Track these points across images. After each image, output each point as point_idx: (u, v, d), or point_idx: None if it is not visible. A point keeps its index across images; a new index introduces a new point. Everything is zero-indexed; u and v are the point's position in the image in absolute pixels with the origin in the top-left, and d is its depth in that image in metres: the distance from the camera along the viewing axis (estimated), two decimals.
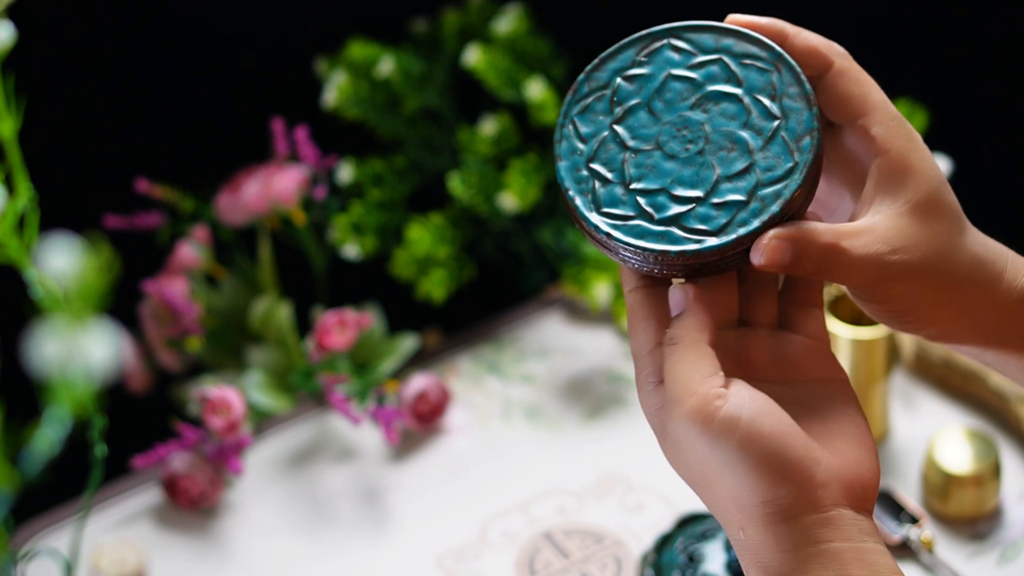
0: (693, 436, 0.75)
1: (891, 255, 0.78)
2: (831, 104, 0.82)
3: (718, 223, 0.78)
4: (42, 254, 0.66)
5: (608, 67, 0.82)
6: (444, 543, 1.15)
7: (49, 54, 1.33)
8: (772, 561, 0.74)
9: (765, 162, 0.79)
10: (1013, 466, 1.18)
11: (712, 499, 0.77)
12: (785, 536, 0.74)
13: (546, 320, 1.34)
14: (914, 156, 0.80)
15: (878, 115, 0.81)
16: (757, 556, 0.75)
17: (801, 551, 0.74)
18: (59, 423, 0.69)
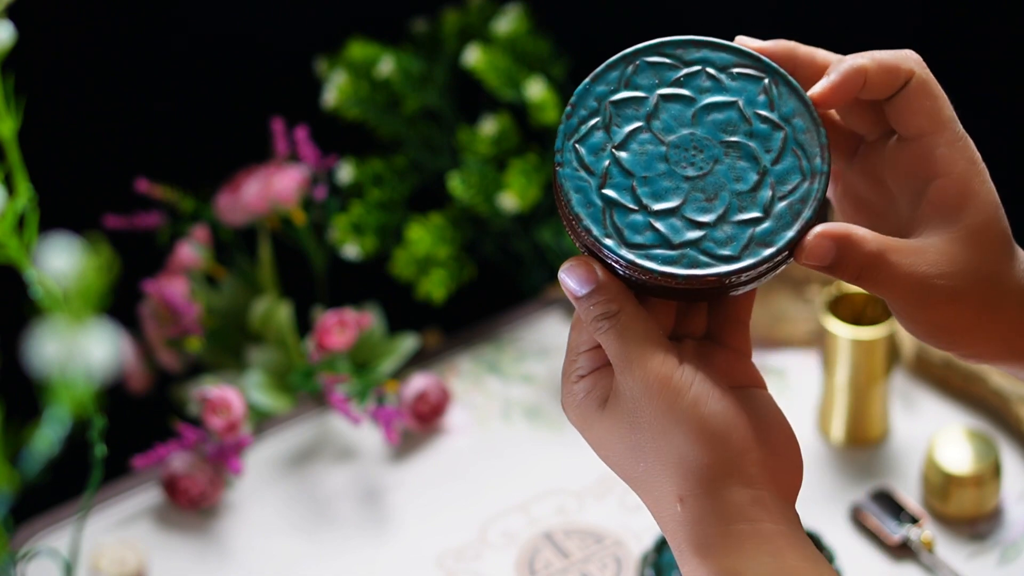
0: (653, 391, 0.76)
1: (937, 279, 0.78)
2: (899, 115, 0.80)
3: (739, 244, 0.78)
4: (42, 254, 0.66)
5: (596, 91, 0.80)
6: (444, 543, 1.15)
7: (49, 54, 1.33)
8: (707, 534, 0.75)
9: (778, 173, 0.79)
10: (1013, 466, 1.18)
11: (649, 471, 0.76)
12: (723, 507, 0.75)
13: (546, 320, 1.34)
14: (975, 181, 0.80)
15: (946, 135, 0.80)
16: (692, 531, 0.75)
17: (736, 526, 0.75)
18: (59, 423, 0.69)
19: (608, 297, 0.79)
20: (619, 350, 0.77)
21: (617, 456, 0.78)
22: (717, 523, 0.75)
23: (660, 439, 0.76)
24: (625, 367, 0.77)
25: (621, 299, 0.79)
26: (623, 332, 0.78)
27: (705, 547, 0.75)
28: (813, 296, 1.27)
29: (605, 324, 0.78)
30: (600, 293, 0.80)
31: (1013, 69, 1.43)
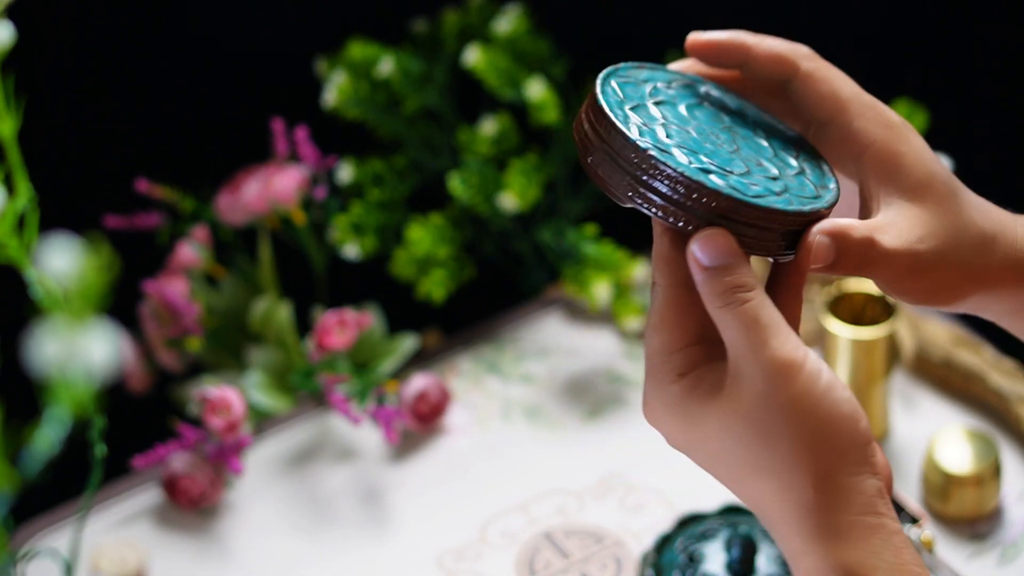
0: (790, 372, 0.73)
1: (918, 244, 0.78)
2: (806, 107, 0.82)
3: (809, 189, 0.78)
4: (42, 254, 0.66)
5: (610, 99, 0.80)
6: (444, 543, 1.15)
7: (49, 54, 1.33)
8: (840, 522, 0.72)
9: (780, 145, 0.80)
10: (1013, 466, 1.18)
11: (779, 456, 0.73)
12: (856, 496, 0.73)
13: (546, 320, 1.34)
14: (897, 142, 0.81)
15: (853, 108, 0.81)
16: (824, 517, 0.72)
17: (866, 517, 0.73)
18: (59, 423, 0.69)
19: (746, 270, 0.75)
20: (752, 329, 0.73)
21: (733, 448, 0.74)
22: (849, 511, 0.72)
23: (796, 422, 0.73)
24: (760, 347, 0.73)
25: (753, 274, 0.75)
26: (759, 309, 0.74)
27: (836, 535, 0.72)
28: (813, 296, 1.28)
29: (738, 300, 0.74)
30: (740, 266, 0.75)
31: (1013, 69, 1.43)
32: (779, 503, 0.74)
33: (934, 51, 1.44)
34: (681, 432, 0.76)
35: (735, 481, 0.75)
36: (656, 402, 0.77)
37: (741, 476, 0.75)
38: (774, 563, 1.07)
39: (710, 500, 1.14)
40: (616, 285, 1.30)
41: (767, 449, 0.73)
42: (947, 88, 1.41)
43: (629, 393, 1.26)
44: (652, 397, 0.77)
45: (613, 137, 0.77)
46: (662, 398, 0.76)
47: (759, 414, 0.73)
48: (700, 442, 0.76)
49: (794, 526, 0.73)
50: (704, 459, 0.76)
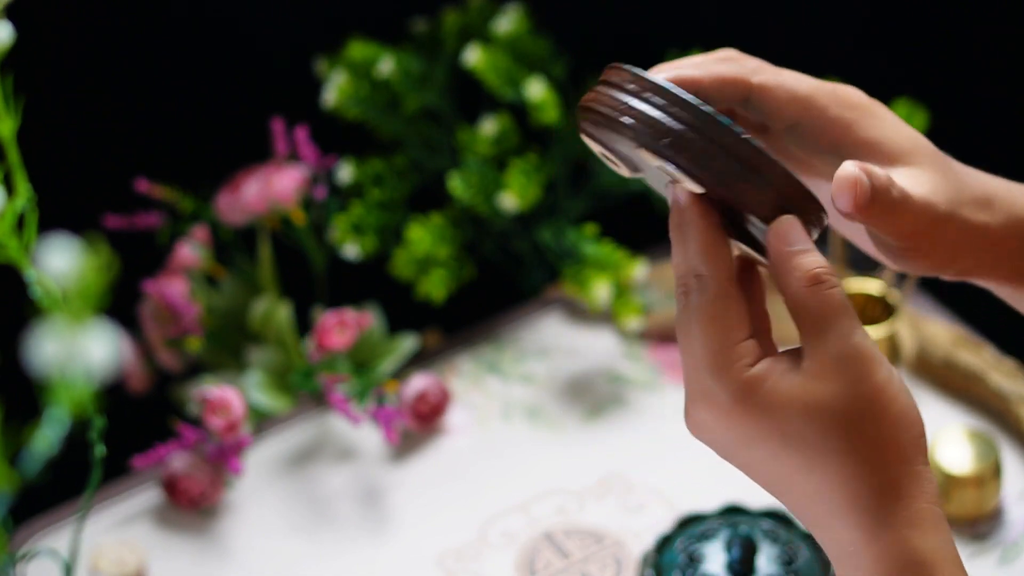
0: (873, 358, 0.73)
1: (933, 196, 0.79)
2: (771, 117, 0.81)
3: None
4: (41, 254, 0.66)
5: None
6: (444, 543, 1.15)
7: (49, 54, 1.33)
8: (911, 509, 0.72)
9: None
10: (1014, 466, 1.18)
11: (866, 440, 0.72)
12: (927, 485, 0.73)
13: (546, 320, 1.34)
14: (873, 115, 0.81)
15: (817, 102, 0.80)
16: (896, 504, 0.72)
17: (928, 505, 0.73)
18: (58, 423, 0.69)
19: (822, 256, 0.75)
20: (842, 314, 0.73)
21: (811, 435, 0.73)
22: (923, 498, 0.73)
23: (882, 408, 0.73)
24: (850, 333, 0.73)
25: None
26: (845, 296, 0.74)
27: (915, 521, 0.72)
28: None
29: (827, 283, 0.73)
30: (816, 251, 0.75)
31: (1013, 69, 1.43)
32: (856, 486, 0.73)
33: (934, 51, 1.44)
34: (747, 424, 0.74)
35: (802, 471, 0.74)
36: (722, 394, 0.74)
37: (812, 465, 0.73)
38: (774, 563, 1.07)
39: (710, 500, 1.14)
40: (616, 285, 1.30)
41: (854, 432, 0.72)
42: (947, 88, 1.41)
43: (629, 393, 1.26)
44: (716, 390, 0.74)
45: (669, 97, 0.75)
46: (730, 389, 0.74)
47: (847, 399, 0.73)
48: (769, 432, 0.74)
49: (866, 511, 0.72)
50: (766, 452, 0.74)
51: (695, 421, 0.76)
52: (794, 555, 1.08)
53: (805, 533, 1.09)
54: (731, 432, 0.75)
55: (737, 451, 0.75)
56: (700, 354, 0.74)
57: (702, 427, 0.76)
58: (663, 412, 1.25)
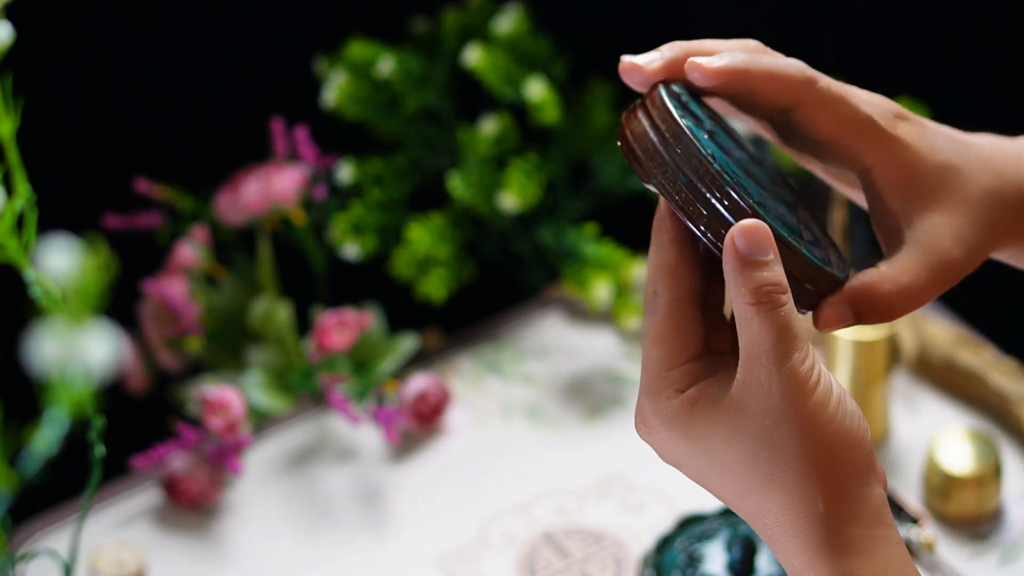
0: (808, 386, 0.71)
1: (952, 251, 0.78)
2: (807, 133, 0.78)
3: (829, 260, 0.77)
4: (41, 254, 0.66)
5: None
6: (444, 543, 1.15)
7: (49, 54, 1.33)
8: (852, 536, 0.71)
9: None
10: (1014, 466, 1.17)
11: (789, 470, 0.71)
12: (867, 508, 0.72)
13: (546, 320, 1.34)
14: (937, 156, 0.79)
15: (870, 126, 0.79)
16: (836, 531, 0.71)
17: (877, 529, 0.72)
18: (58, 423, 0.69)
19: (781, 271, 0.72)
20: (782, 336, 0.71)
21: (738, 461, 0.72)
22: (860, 523, 0.71)
23: (810, 437, 0.71)
24: (785, 356, 0.71)
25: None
26: (791, 317, 0.71)
27: (845, 548, 0.71)
28: None
29: (773, 301, 0.71)
30: (777, 264, 0.72)
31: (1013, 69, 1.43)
32: (786, 517, 0.72)
33: (934, 51, 1.44)
34: (678, 446, 0.75)
35: (738, 495, 0.73)
36: (652, 417, 0.75)
37: (745, 490, 0.73)
38: (774, 563, 1.07)
39: (710, 500, 1.14)
40: (616, 285, 1.30)
41: (778, 463, 0.72)
42: (947, 88, 1.41)
43: (629, 393, 1.26)
44: (648, 412, 0.75)
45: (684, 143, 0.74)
46: (660, 413, 0.75)
47: (772, 427, 0.71)
48: (700, 456, 0.74)
49: (801, 540, 0.72)
50: (703, 473, 0.75)
51: (640, 429, 0.77)
52: None
53: None
54: (668, 449, 0.76)
55: (679, 465, 0.77)
56: (642, 373, 0.75)
57: (646, 436, 0.77)
58: None
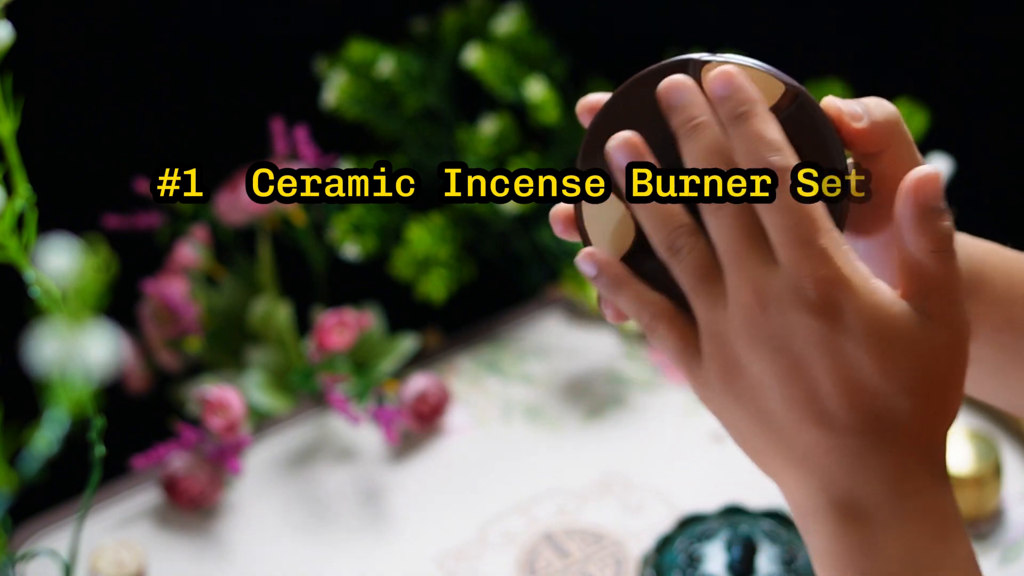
0: (967, 328, 0.71)
1: None
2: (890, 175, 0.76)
3: None
4: (41, 254, 0.66)
5: None
6: (444, 543, 1.15)
7: (49, 54, 1.33)
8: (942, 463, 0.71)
9: None
10: (1014, 467, 1.17)
11: (938, 406, 0.70)
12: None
13: (546, 320, 1.34)
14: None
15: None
16: (938, 456, 0.70)
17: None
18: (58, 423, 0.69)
19: (951, 219, 0.72)
20: (956, 280, 0.72)
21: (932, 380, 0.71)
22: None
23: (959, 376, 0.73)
24: (960, 299, 0.72)
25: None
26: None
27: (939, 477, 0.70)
28: None
29: (949, 250, 0.72)
30: (949, 213, 0.72)
31: (1013, 69, 1.43)
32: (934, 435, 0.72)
33: (934, 51, 1.44)
34: (894, 339, 0.71)
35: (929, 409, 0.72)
36: (878, 311, 0.70)
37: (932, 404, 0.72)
38: (774, 563, 1.07)
39: (710, 500, 1.14)
40: None
41: (953, 385, 0.72)
42: (947, 88, 1.41)
43: (629, 393, 1.26)
44: (873, 305, 0.70)
45: None
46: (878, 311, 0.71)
47: (952, 353, 0.71)
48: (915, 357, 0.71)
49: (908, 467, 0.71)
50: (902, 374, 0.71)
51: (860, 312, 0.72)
52: (794, 555, 1.08)
53: None
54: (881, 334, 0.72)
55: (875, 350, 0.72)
56: (852, 266, 0.71)
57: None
58: (663, 412, 1.25)
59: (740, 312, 0.71)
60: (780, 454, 0.71)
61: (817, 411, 0.70)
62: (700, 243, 0.72)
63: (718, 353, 0.72)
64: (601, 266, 0.75)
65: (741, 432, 0.73)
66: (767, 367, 0.70)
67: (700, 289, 0.72)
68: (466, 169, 1.30)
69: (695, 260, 0.72)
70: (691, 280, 0.72)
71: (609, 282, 0.75)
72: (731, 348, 0.71)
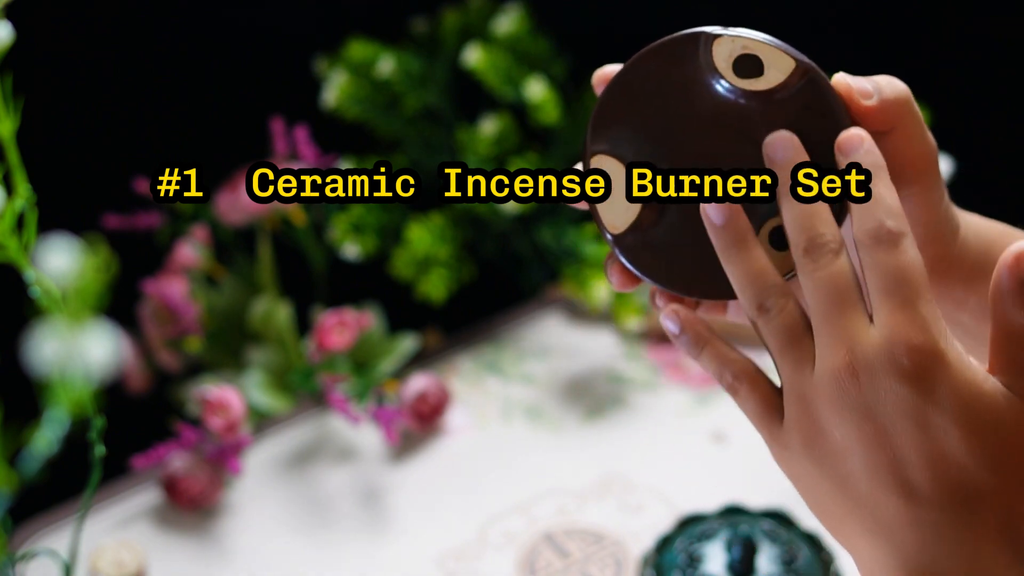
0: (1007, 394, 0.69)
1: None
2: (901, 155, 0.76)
3: None
4: (41, 254, 0.66)
5: None
6: (444, 543, 1.15)
7: (49, 54, 1.33)
8: None
9: None
10: None
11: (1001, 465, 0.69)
12: None
13: (546, 320, 1.34)
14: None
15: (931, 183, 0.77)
16: (1020, 535, 0.69)
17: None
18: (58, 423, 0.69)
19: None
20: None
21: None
22: None
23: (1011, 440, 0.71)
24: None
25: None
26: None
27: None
28: None
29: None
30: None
31: (1014, 69, 1.43)
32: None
33: (934, 51, 1.44)
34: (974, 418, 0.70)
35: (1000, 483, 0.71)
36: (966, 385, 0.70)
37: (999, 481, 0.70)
38: (774, 563, 1.07)
39: (710, 500, 1.14)
40: None
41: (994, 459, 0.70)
42: (947, 88, 1.41)
43: (629, 393, 1.26)
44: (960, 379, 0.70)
45: None
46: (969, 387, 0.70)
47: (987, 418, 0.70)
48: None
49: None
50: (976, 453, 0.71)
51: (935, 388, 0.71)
52: (794, 555, 1.08)
53: (805, 533, 1.09)
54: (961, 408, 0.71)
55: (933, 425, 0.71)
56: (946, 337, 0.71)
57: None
58: (663, 412, 1.25)
59: (828, 375, 0.70)
60: (858, 522, 0.70)
61: (900, 481, 0.69)
62: (790, 304, 0.72)
63: (802, 416, 0.71)
64: (684, 324, 0.75)
65: (818, 497, 0.72)
66: (852, 432, 0.69)
67: (787, 351, 0.71)
68: (466, 169, 1.30)
69: (784, 321, 0.72)
70: (778, 341, 0.72)
71: (691, 340, 0.75)
72: (816, 412, 0.70)
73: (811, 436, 0.71)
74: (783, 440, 0.72)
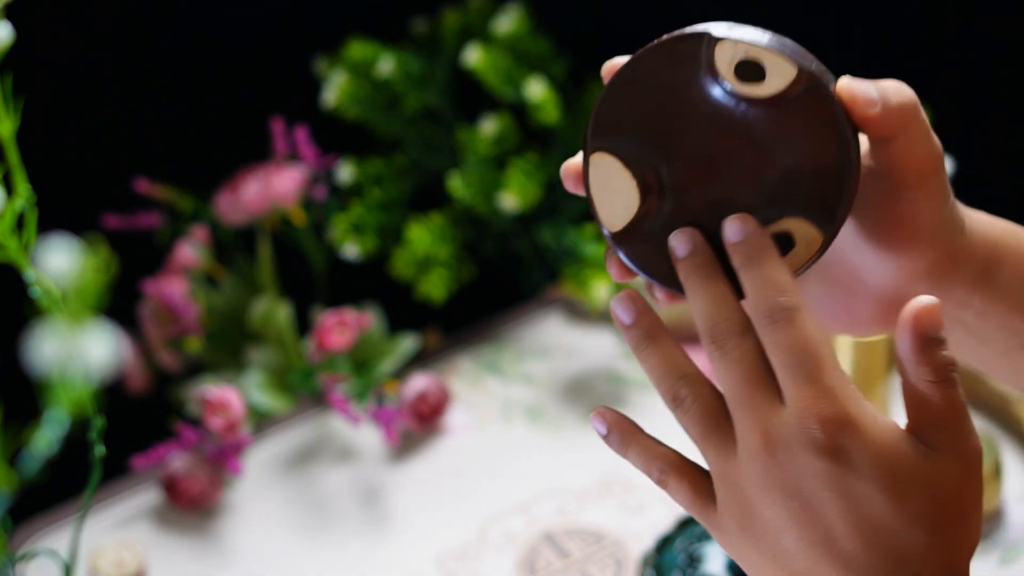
0: (976, 466, 0.71)
1: None
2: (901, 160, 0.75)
3: None
4: (41, 254, 0.66)
5: None
6: (444, 543, 1.15)
7: (49, 54, 1.33)
8: None
9: None
10: (1014, 467, 1.17)
11: (956, 537, 0.70)
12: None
13: (546, 320, 1.34)
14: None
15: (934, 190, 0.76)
16: None
17: None
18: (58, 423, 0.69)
19: (950, 349, 0.73)
20: (961, 413, 0.73)
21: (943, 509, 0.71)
22: None
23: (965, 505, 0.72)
24: (969, 434, 0.73)
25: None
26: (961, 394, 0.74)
27: None
28: None
29: (951, 380, 0.73)
30: (946, 343, 0.73)
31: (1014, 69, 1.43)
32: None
33: (934, 51, 1.44)
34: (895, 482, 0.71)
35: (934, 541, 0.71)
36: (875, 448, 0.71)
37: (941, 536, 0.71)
38: None
39: None
40: (616, 285, 1.30)
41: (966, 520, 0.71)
42: (947, 88, 1.41)
43: (629, 393, 1.26)
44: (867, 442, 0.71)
45: None
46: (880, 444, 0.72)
47: (959, 492, 0.71)
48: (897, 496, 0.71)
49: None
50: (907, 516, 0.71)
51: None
52: None
53: None
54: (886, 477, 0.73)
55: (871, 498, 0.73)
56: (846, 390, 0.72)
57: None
58: (663, 412, 1.25)
59: (750, 458, 0.71)
60: None
61: (834, 553, 0.69)
62: (704, 390, 0.73)
63: (732, 500, 0.72)
64: (610, 425, 0.77)
65: (763, 575, 0.72)
66: (781, 512, 0.70)
67: (708, 438, 0.72)
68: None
69: (700, 410, 0.73)
70: (699, 430, 0.73)
71: (619, 438, 0.77)
72: (744, 494, 0.71)
73: (744, 519, 0.71)
74: (719, 524, 0.73)
